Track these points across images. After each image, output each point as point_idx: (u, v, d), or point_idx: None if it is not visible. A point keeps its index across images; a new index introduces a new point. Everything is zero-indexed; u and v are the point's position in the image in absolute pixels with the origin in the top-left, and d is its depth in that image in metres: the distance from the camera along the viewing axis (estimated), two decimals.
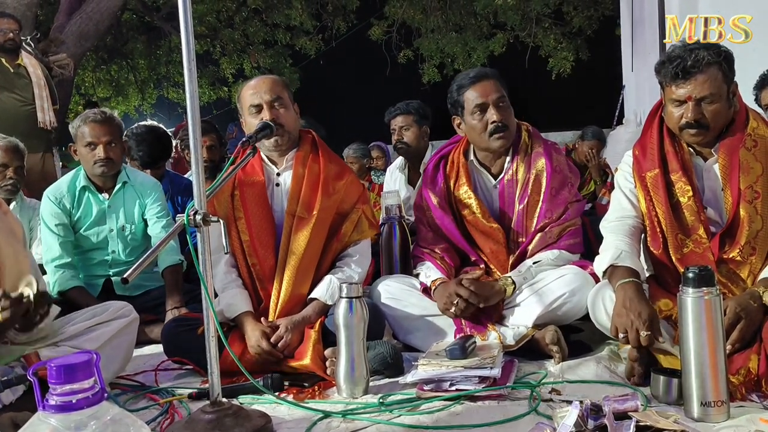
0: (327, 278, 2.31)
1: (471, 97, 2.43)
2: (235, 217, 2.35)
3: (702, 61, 1.93)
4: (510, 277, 2.33)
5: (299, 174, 2.38)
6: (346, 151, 5.53)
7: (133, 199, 3.04)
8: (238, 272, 2.35)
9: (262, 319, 2.23)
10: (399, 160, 3.99)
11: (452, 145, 2.63)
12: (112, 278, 3.01)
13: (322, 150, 2.45)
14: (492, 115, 2.40)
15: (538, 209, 2.42)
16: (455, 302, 2.25)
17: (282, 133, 2.34)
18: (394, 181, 3.94)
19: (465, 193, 2.49)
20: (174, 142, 4.72)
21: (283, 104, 2.35)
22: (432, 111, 3.92)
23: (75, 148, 2.99)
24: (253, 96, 2.35)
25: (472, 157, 2.55)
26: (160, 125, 4.04)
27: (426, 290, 2.40)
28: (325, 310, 2.26)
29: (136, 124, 4.06)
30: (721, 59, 1.96)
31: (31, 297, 1.72)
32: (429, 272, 2.42)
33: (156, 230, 3.03)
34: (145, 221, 3.06)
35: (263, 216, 2.35)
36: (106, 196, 3.00)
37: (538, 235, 2.40)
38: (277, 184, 2.42)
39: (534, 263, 2.36)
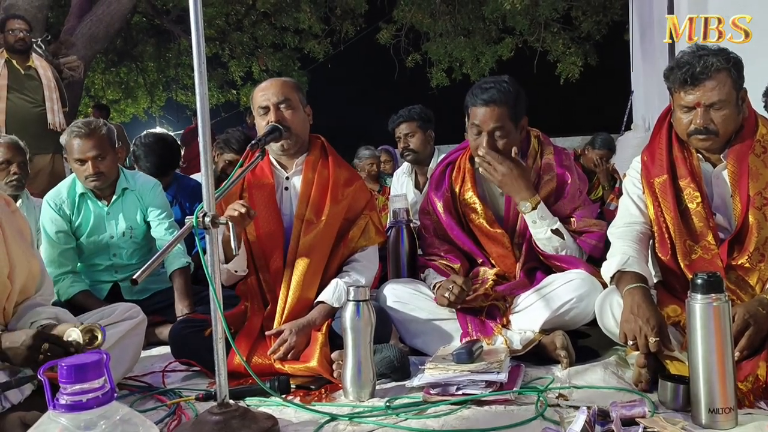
0: (334, 282, 2.31)
1: (472, 116, 2.41)
2: None
3: (711, 68, 1.92)
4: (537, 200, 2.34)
5: (309, 179, 2.39)
6: (358, 154, 5.51)
7: (134, 206, 2.96)
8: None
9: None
10: (405, 165, 4.00)
11: (460, 151, 2.63)
12: (120, 284, 2.97)
13: (331, 155, 2.47)
14: (483, 141, 2.38)
15: None
16: (450, 287, 2.26)
17: (288, 135, 2.34)
18: (401, 185, 3.95)
19: (470, 198, 2.50)
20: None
21: (290, 106, 2.35)
22: (439, 116, 3.92)
23: (67, 158, 2.92)
24: (261, 98, 2.36)
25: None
26: (169, 133, 4.01)
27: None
28: (332, 314, 2.27)
29: (144, 132, 3.98)
30: (730, 65, 1.94)
31: (80, 340, 1.70)
32: (432, 279, 2.45)
33: (160, 232, 2.96)
34: (147, 223, 2.99)
35: (272, 219, 2.36)
36: (106, 203, 2.93)
37: None
38: (286, 188, 2.43)
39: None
